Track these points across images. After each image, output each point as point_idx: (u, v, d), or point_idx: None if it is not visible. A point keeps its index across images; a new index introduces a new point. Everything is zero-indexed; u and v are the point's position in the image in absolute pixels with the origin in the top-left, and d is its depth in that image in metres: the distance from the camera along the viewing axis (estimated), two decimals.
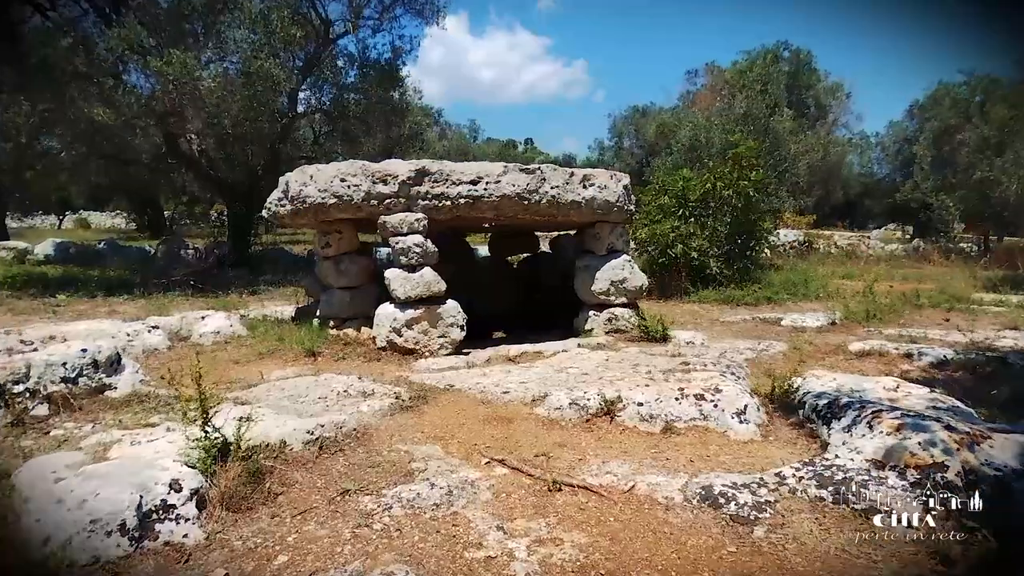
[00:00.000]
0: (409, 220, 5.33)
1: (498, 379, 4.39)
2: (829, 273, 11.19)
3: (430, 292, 5.29)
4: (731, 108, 11.67)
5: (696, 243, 8.43)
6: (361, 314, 5.92)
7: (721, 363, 4.67)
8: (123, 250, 13.19)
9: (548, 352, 5.63)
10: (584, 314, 6.66)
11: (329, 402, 3.74)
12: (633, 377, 4.21)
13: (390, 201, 5.37)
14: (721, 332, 6.43)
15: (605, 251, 6.58)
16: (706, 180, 8.36)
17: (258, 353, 5.45)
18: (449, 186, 5.49)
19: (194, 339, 5.92)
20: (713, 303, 8.14)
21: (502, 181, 5.57)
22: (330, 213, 5.49)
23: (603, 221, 6.45)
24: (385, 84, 11.33)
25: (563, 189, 5.92)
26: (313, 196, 5.41)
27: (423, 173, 5.41)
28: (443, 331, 5.37)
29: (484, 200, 5.54)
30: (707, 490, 2.58)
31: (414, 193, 5.40)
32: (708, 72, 23.43)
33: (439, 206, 5.49)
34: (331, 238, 5.79)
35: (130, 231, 28.98)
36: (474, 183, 5.53)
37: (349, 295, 5.86)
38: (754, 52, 19.73)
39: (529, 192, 5.68)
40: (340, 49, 11.59)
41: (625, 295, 6.52)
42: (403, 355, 5.32)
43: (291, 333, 5.95)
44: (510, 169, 5.65)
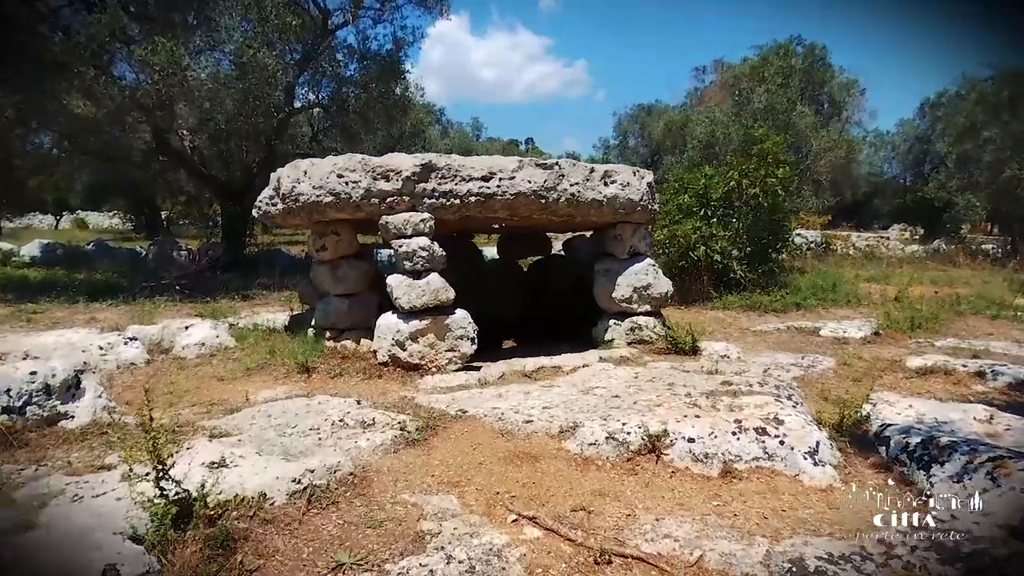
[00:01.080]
0: (414, 221, 4.78)
1: (517, 402, 3.83)
2: (854, 276, 10.64)
3: (437, 301, 4.73)
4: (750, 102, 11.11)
5: (719, 245, 7.88)
6: (361, 324, 5.37)
7: (768, 383, 4.11)
8: (112, 252, 12.65)
9: (568, 367, 5.08)
10: (604, 323, 6.11)
11: (322, 434, 3.19)
12: (672, 401, 3.66)
13: (393, 200, 4.82)
14: (755, 343, 5.87)
15: (627, 254, 6.03)
16: (730, 177, 7.81)
17: (246, 368, 4.90)
18: (458, 183, 4.94)
19: (176, 351, 5.36)
20: (738, 309, 7.58)
21: (517, 177, 5.02)
22: (326, 213, 4.93)
23: (625, 222, 5.90)
24: (386, 78, 10.77)
25: (583, 186, 5.36)
26: (307, 194, 4.86)
27: (429, 168, 4.85)
28: (452, 344, 4.82)
29: (497, 198, 4.99)
30: (798, 566, 2.03)
31: (419, 191, 4.85)
32: (717, 68, 22.87)
33: (447, 205, 4.94)
34: (327, 240, 5.24)
35: (127, 231, 28.43)
36: (486, 179, 4.98)
37: (347, 303, 5.30)
38: (766, 47, 19.15)
39: (546, 189, 5.12)
40: (339, 41, 11.06)
41: (649, 303, 5.97)
42: (407, 371, 4.77)
43: (283, 345, 5.40)
44: (525, 164, 5.09)
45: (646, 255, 6.15)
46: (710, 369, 4.65)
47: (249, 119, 10.07)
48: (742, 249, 8.15)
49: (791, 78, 11.73)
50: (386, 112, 11.02)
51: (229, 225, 11.52)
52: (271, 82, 9.67)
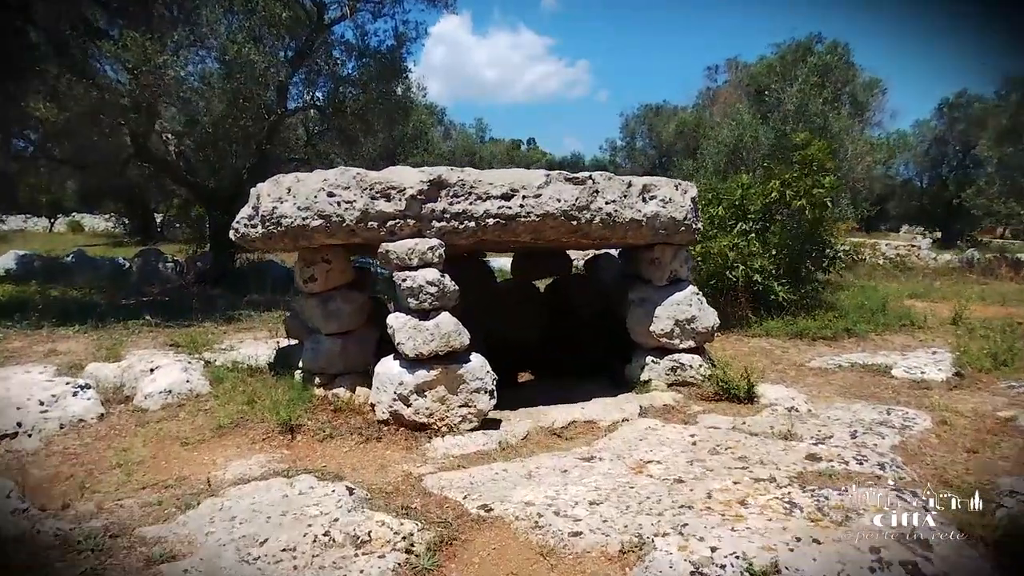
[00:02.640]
0: (420, 249, 3.94)
1: (554, 491, 2.99)
2: (895, 291, 9.79)
3: (449, 347, 3.89)
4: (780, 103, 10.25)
5: (758, 263, 7.03)
6: (356, 368, 4.53)
7: (867, 458, 3.27)
8: (94, 263, 11.83)
9: (604, 422, 4.24)
10: (639, 360, 5.27)
11: (299, 560, 2.34)
12: (758, 494, 2.82)
13: (395, 223, 3.98)
14: (820, 387, 5.02)
15: (666, 281, 5.19)
16: (771, 188, 6.96)
17: (217, 427, 4.05)
18: (473, 202, 4.10)
19: (139, 400, 4.52)
20: (783, 337, 6.73)
21: (543, 195, 4.18)
22: (314, 238, 4.09)
23: (665, 243, 5.06)
24: (387, 76, 9.93)
25: (620, 204, 4.52)
26: (291, 216, 4.01)
27: (439, 185, 4.01)
28: (466, 399, 3.97)
29: (520, 220, 4.15)
30: None
31: (427, 212, 4.00)
32: (730, 68, 22.01)
33: (460, 229, 4.10)
34: (316, 270, 4.39)
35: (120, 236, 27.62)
36: (506, 198, 4.14)
37: (340, 344, 4.46)
38: (784, 45, 18.31)
39: (578, 209, 4.28)
40: (336, 37, 10.21)
41: (693, 338, 5.13)
42: (412, 431, 3.93)
43: (265, 392, 4.55)
44: (553, 179, 4.25)
45: (688, 281, 5.31)
46: (782, 431, 3.81)
47: (238, 122, 9.24)
48: (781, 267, 7.30)
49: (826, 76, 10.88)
50: (387, 114, 10.18)
51: (217, 235, 10.67)
52: (261, 81, 8.83)
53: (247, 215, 4.49)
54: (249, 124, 8.98)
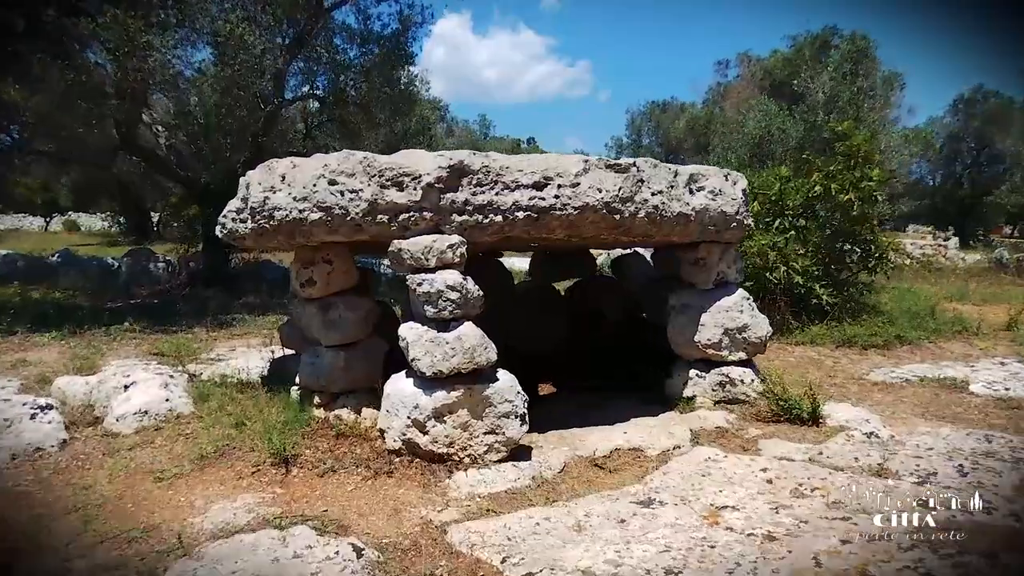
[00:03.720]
0: (439, 248, 3.32)
1: (615, 553, 2.37)
2: (930, 293, 9.18)
3: (473, 364, 3.27)
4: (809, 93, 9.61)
5: (800, 263, 6.41)
6: (362, 385, 3.91)
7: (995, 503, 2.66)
8: (80, 264, 11.20)
9: (652, 450, 3.63)
10: (682, 374, 4.66)
11: None
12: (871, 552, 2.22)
13: (409, 217, 3.36)
14: (891, 406, 4.41)
15: (712, 284, 4.57)
16: (813, 181, 6.35)
17: (199, 456, 3.44)
18: (500, 192, 3.48)
19: (109, 423, 3.90)
20: (830, 345, 6.11)
21: (581, 184, 3.56)
22: (313, 234, 3.47)
23: (712, 241, 4.44)
24: (392, 63, 9.30)
25: (667, 196, 3.91)
26: (285, 208, 3.40)
27: (460, 171, 3.39)
28: (493, 425, 3.35)
29: (554, 214, 3.53)
30: None
31: (446, 203, 3.39)
32: (742, 62, 21.40)
33: (484, 223, 3.48)
34: (316, 271, 3.77)
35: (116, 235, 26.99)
36: (538, 187, 3.52)
37: (343, 357, 3.84)
38: (800, 38, 17.73)
39: (622, 201, 3.66)
40: (336, 22, 9.58)
41: (744, 349, 4.51)
42: (429, 463, 3.31)
43: (257, 413, 3.95)
44: (592, 165, 3.63)
45: (736, 284, 4.69)
46: (871, 465, 3.20)
47: (232, 112, 8.61)
48: (822, 267, 6.69)
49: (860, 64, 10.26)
50: (392, 104, 9.55)
51: (211, 234, 10.03)
52: (256, 68, 8.21)
53: (235, 208, 3.87)
54: (244, 115, 8.36)
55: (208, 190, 9.47)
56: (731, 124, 18.33)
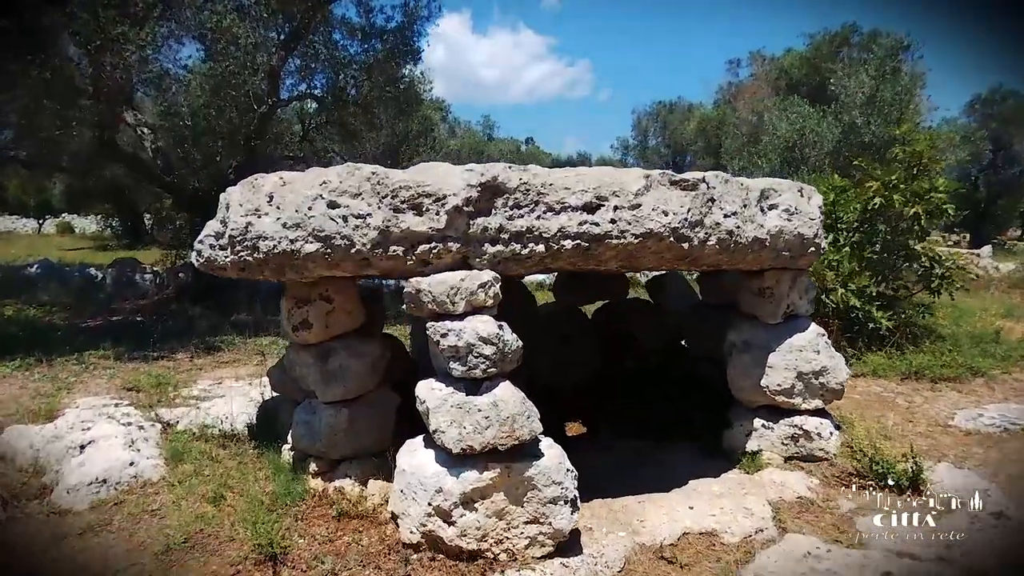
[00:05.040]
0: (468, 287, 2.61)
1: None
2: (977, 309, 8.49)
3: (514, 438, 2.56)
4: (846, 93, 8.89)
5: (857, 283, 5.72)
6: (368, 449, 3.21)
7: None
8: (61, 274, 10.48)
9: (731, 537, 2.93)
10: (744, 423, 3.96)
11: None
12: None
13: (430, 248, 2.66)
14: (1000, 466, 3.70)
15: (781, 317, 3.86)
16: (873, 191, 5.65)
17: (164, 549, 2.73)
18: (543, 215, 2.77)
19: (59, 494, 3.19)
20: (896, 378, 5.41)
21: (643, 204, 2.85)
22: (308, 269, 2.76)
23: (783, 268, 3.74)
24: (396, 60, 8.59)
25: (741, 217, 3.21)
26: (273, 237, 2.69)
27: (494, 190, 2.69)
28: (536, 512, 2.64)
29: (609, 243, 2.82)
30: None
31: (477, 231, 2.68)
32: (754, 61, 20.71)
33: (522, 255, 2.78)
34: (312, 312, 3.06)
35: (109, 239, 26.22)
36: (590, 209, 2.81)
37: (346, 416, 3.12)
38: (818, 35, 17.06)
39: (691, 226, 2.96)
40: (335, 15, 8.85)
41: (821, 396, 3.81)
42: (457, 561, 2.60)
43: (240, 478, 3.26)
44: (655, 181, 2.92)
45: (808, 318, 3.99)
46: None
47: (222, 113, 7.90)
48: (879, 287, 6.00)
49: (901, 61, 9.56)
50: (396, 104, 8.84)
51: None
52: (248, 65, 7.50)
53: (214, 232, 3.15)
54: (234, 116, 7.63)
55: (197, 197, 8.75)
56: (745, 125, 17.65)
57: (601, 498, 3.31)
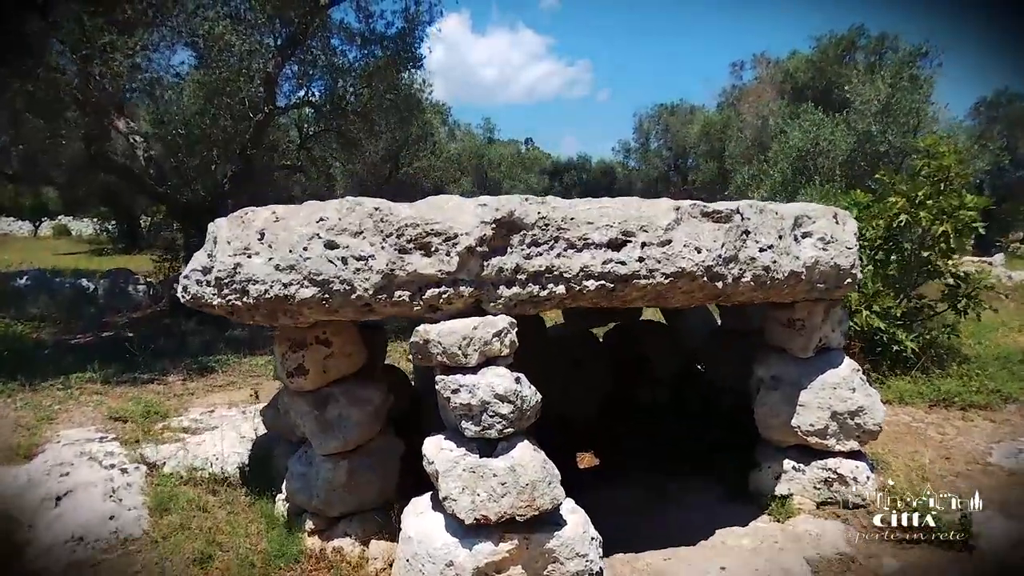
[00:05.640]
0: (483, 336, 2.34)
1: None
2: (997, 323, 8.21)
3: (533, 507, 2.29)
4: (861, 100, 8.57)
5: (881, 304, 5.45)
6: (370, 504, 2.93)
7: None
8: (51, 286, 10.19)
9: None
10: (772, 464, 3.70)
11: None
12: None
13: (439, 293, 2.39)
14: None
15: (813, 350, 3.60)
16: (898, 207, 5.38)
17: None
18: (563, 253, 2.51)
19: (32, 555, 2.91)
20: (923, 405, 5.14)
21: (674, 240, 2.58)
22: (303, 315, 2.49)
23: (817, 299, 3.47)
24: (397, 67, 8.30)
25: (778, 250, 2.94)
26: (264, 280, 2.41)
27: (510, 227, 2.42)
28: None
29: (637, 283, 2.56)
30: None
31: (491, 272, 2.41)
32: (759, 63, 20.43)
33: (540, 297, 2.51)
34: (308, 357, 2.78)
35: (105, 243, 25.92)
36: (616, 246, 2.55)
37: (345, 469, 2.85)
38: (824, 39, 16.78)
39: (725, 262, 2.69)
40: (334, 20, 8.58)
41: (857, 437, 3.55)
42: None
43: (230, 532, 2.98)
44: (685, 213, 2.66)
45: (840, 351, 3.72)
46: None
47: (216, 121, 7.63)
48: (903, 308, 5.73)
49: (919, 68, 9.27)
50: (397, 111, 8.56)
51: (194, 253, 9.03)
52: (244, 72, 7.22)
53: (201, 266, 2.87)
54: (229, 124, 7.35)
55: (191, 207, 8.47)
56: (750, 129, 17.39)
57: (623, 552, 3.05)
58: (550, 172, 32.97)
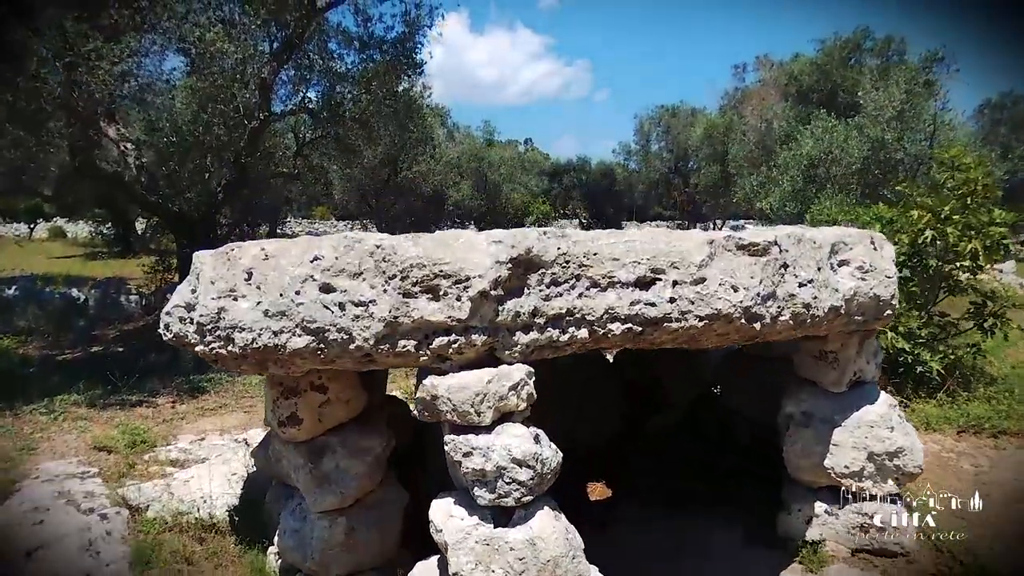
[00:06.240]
0: (496, 391, 2.08)
1: None
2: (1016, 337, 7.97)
3: None
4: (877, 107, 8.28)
5: (905, 324, 5.20)
6: (372, 563, 2.67)
7: None
8: (40, 297, 9.91)
9: None
10: (803, 506, 3.45)
11: None
12: None
13: (448, 342, 2.12)
14: None
15: (846, 385, 3.34)
16: (924, 223, 5.13)
17: None
18: (586, 293, 2.25)
19: None
20: (951, 432, 4.90)
21: (708, 278, 2.33)
22: (295, 365, 2.23)
23: (852, 330, 3.21)
24: (396, 73, 8.03)
25: (818, 284, 2.68)
26: (251, 328, 2.15)
27: (527, 265, 2.17)
28: None
29: (669, 326, 2.30)
30: None
31: (507, 317, 2.15)
32: (761, 66, 20.17)
33: (561, 342, 2.26)
34: (302, 405, 2.51)
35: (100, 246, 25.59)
36: (644, 284, 2.29)
37: (343, 526, 2.58)
38: (829, 41, 16.53)
39: (763, 299, 2.43)
40: (331, 24, 8.30)
41: (896, 479, 3.29)
42: None
43: None
44: (719, 248, 2.40)
45: (875, 384, 3.47)
46: None
47: (209, 128, 7.35)
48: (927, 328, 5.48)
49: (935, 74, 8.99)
50: (396, 117, 8.29)
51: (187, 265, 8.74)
52: (238, 78, 6.95)
53: (184, 302, 2.59)
54: (222, 132, 7.08)
55: (183, 218, 8.20)
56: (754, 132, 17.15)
57: None
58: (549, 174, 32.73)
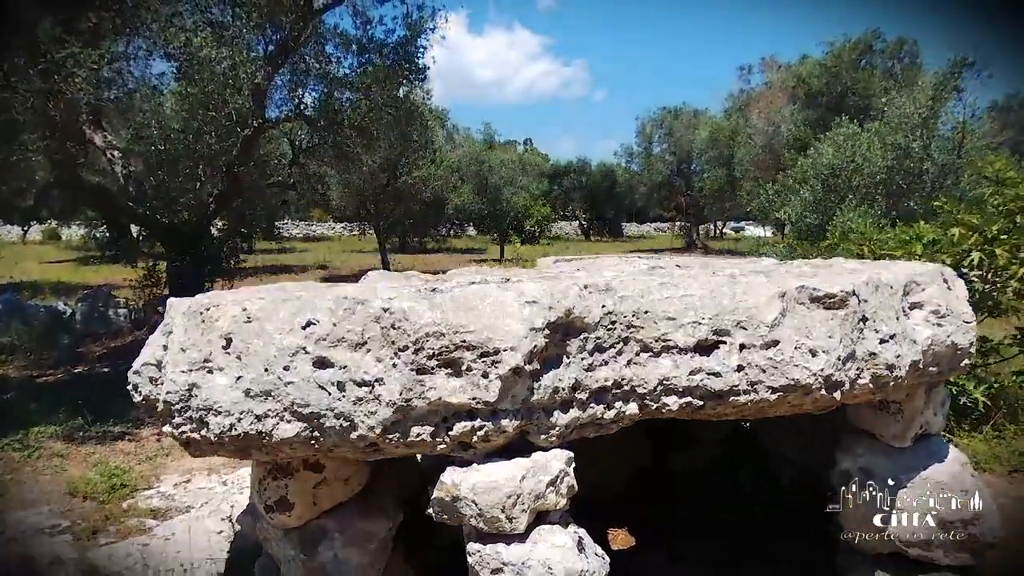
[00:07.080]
0: (532, 490, 1.69)
1: None
2: None
3: None
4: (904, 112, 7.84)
5: None
6: None
7: None
8: (24, 312, 9.49)
9: None
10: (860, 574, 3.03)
11: None
12: None
13: (472, 427, 1.72)
14: None
15: (911, 439, 2.94)
16: (970, 244, 4.75)
17: None
18: (636, 359, 1.85)
19: None
20: (1002, 471, 4.52)
21: (781, 339, 1.93)
22: (283, 453, 1.82)
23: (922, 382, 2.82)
24: (398, 78, 7.63)
25: (900, 339, 2.29)
26: (230, 409, 1.74)
27: (566, 330, 1.77)
28: None
29: (736, 400, 1.90)
30: None
31: (543, 395, 1.75)
32: (767, 68, 19.82)
33: (605, 420, 1.86)
34: (293, 488, 2.11)
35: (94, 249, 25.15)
36: (704, 349, 1.90)
37: None
38: (838, 43, 16.19)
39: (843, 361, 2.04)
40: (328, 26, 7.89)
41: (970, 548, 2.89)
42: None
43: None
44: (791, 303, 2.00)
45: (942, 437, 3.08)
46: None
47: (200, 136, 6.95)
48: None
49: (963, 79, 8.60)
50: (397, 124, 7.89)
51: (177, 279, 8.34)
52: (229, 84, 6.54)
53: (154, 359, 2.17)
54: (213, 141, 6.67)
55: (173, 230, 7.79)
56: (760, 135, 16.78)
57: None
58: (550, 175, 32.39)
